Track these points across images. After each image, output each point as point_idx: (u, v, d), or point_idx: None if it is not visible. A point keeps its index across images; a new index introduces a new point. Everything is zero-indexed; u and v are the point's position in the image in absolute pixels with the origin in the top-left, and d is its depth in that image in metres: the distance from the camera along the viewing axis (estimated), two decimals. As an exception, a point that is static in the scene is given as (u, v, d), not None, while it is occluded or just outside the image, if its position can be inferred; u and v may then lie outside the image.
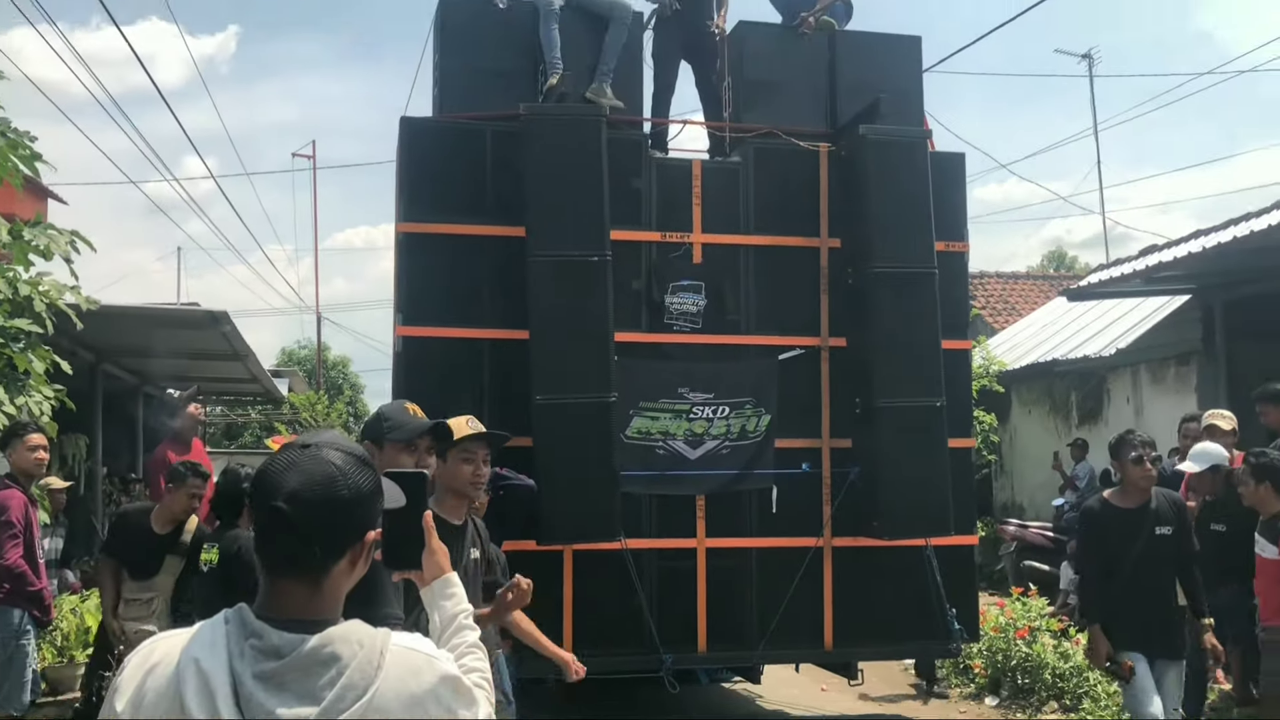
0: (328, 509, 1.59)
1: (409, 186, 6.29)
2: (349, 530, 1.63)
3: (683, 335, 6.49)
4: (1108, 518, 5.39)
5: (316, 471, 1.60)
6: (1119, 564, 5.29)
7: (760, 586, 6.43)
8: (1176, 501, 5.52)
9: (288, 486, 1.58)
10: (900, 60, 7.11)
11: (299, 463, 1.61)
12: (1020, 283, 22.33)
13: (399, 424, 3.05)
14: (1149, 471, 5.30)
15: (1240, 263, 9.47)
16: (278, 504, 1.57)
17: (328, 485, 1.59)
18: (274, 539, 1.60)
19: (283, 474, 1.60)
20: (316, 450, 1.63)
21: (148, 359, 11.95)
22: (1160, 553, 5.30)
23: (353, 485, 1.62)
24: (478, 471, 3.69)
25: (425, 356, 6.17)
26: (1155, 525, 5.29)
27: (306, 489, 1.58)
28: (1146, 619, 5.24)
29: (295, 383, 21.41)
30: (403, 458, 2.99)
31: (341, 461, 1.63)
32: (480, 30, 6.62)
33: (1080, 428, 13.60)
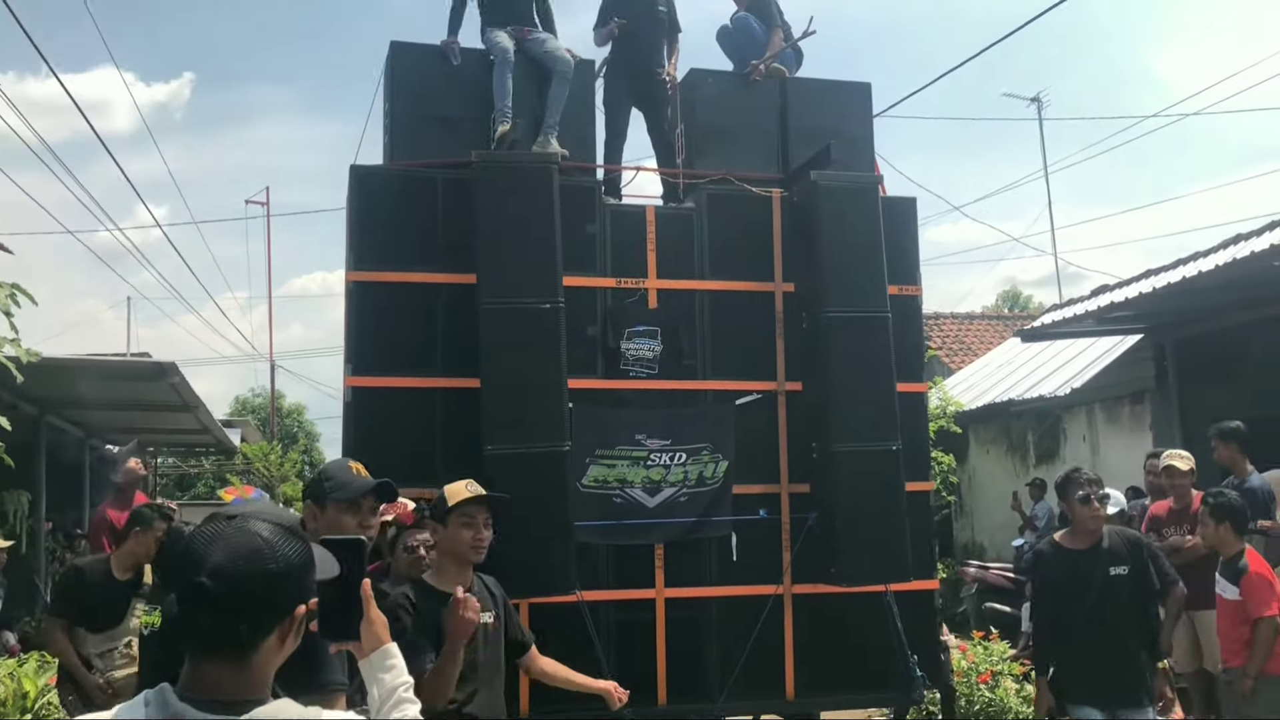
0: (254, 584, 1.52)
1: (358, 235, 6.20)
2: (277, 605, 1.56)
3: (639, 381, 6.42)
4: (1058, 561, 5.22)
5: (242, 544, 1.53)
6: (1073, 609, 5.10)
7: (720, 636, 6.32)
8: (1132, 539, 5.33)
9: (211, 560, 1.51)
10: (850, 106, 7.18)
11: (224, 535, 1.54)
12: (976, 323, 22.55)
13: (341, 483, 2.95)
14: (1097, 511, 5.12)
15: (1190, 302, 9.60)
16: (200, 579, 1.50)
17: (254, 559, 1.52)
18: (197, 616, 1.52)
19: (206, 547, 1.53)
20: (243, 522, 1.56)
21: (94, 411, 11.73)
22: (1116, 595, 5.08)
23: (281, 558, 1.55)
24: (478, 536, 3.65)
25: (376, 407, 6.05)
26: (1109, 566, 5.09)
27: (231, 563, 1.51)
28: (1104, 667, 5.04)
29: (248, 432, 21.12)
30: (345, 518, 2.89)
31: (269, 533, 1.56)
32: (431, 78, 6.60)
33: (1038, 467, 13.68)
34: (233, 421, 20.37)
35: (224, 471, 21.50)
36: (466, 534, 3.63)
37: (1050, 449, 13.63)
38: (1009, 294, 40.46)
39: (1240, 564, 5.52)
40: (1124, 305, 9.76)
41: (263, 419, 29.89)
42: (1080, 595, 5.08)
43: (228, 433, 16.91)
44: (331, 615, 1.88)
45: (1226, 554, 5.63)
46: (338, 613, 1.91)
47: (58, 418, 11.60)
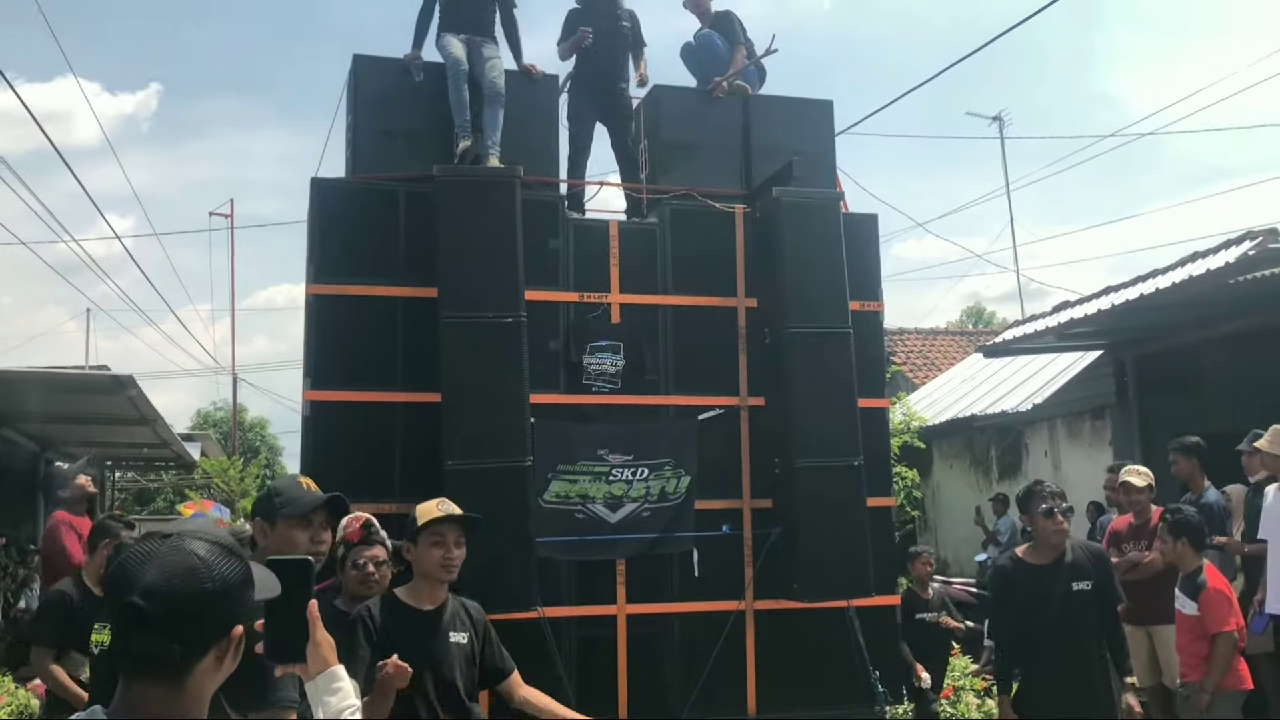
0: (189, 603, 1.48)
1: (319, 247, 6.15)
2: (213, 626, 1.52)
3: (601, 396, 6.40)
4: (1019, 576, 5.10)
5: (177, 564, 1.49)
6: (1034, 625, 4.97)
7: (682, 652, 6.30)
8: (1096, 553, 5.24)
9: (144, 580, 1.47)
10: (813, 123, 7.22)
11: (158, 554, 1.50)
12: (940, 338, 22.71)
13: (291, 499, 2.90)
14: (1060, 525, 5.01)
15: (1150, 319, 9.71)
16: (132, 599, 1.46)
17: (189, 578, 1.49)
18: (129, 637, 1.48)
19: (139, 567, 1.49)
20: (178, 540, 1.53)
21: (50, 424, 11.55)
22: (1079, 610, 4.97)
23: (218, 577, 1.52)
24: (448, 555, 3.67)
25: (335, 421, 5.99)
26: (1071, 580, 4.98)
27: (164, 582, 1.47)
28: (1068, 684, 4.92)
29: (209, 446, 20.86)
30: (296, 534, 2.84)
31: (205, 552, 1.53)
32: (394, 92, 6.56)
33: (1001, 482, 13.76)
34: (193, 435, 20.10)
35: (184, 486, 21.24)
36: (436, 553, 3.66)
37: (1013, 464, 13.73)
38: (973, 310, 40.82)
39: (1199, 580, 5.56)
40: (1084, 321, 9.86)
41: (224, 433, 29.56)
42: (1042, 611, 4.95)
43: (188, 447, 16.71)
44: (277, 637, 1.85)
45: (1185, 570, 5.68)
46: (283, 634, 1.87)
47: (12, 431, 11.41)
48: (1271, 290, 7.77)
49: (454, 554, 3.68)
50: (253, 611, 1.69)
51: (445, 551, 3.66)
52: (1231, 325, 9.17)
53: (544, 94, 6.85)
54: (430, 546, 3.67)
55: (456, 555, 3.69)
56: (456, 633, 3.71)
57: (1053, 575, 5.00)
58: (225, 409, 31.99)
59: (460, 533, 3.73)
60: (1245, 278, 7.83)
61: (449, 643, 3.68)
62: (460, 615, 3.77)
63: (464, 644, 3.73)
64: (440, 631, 3.69)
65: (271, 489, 3.01)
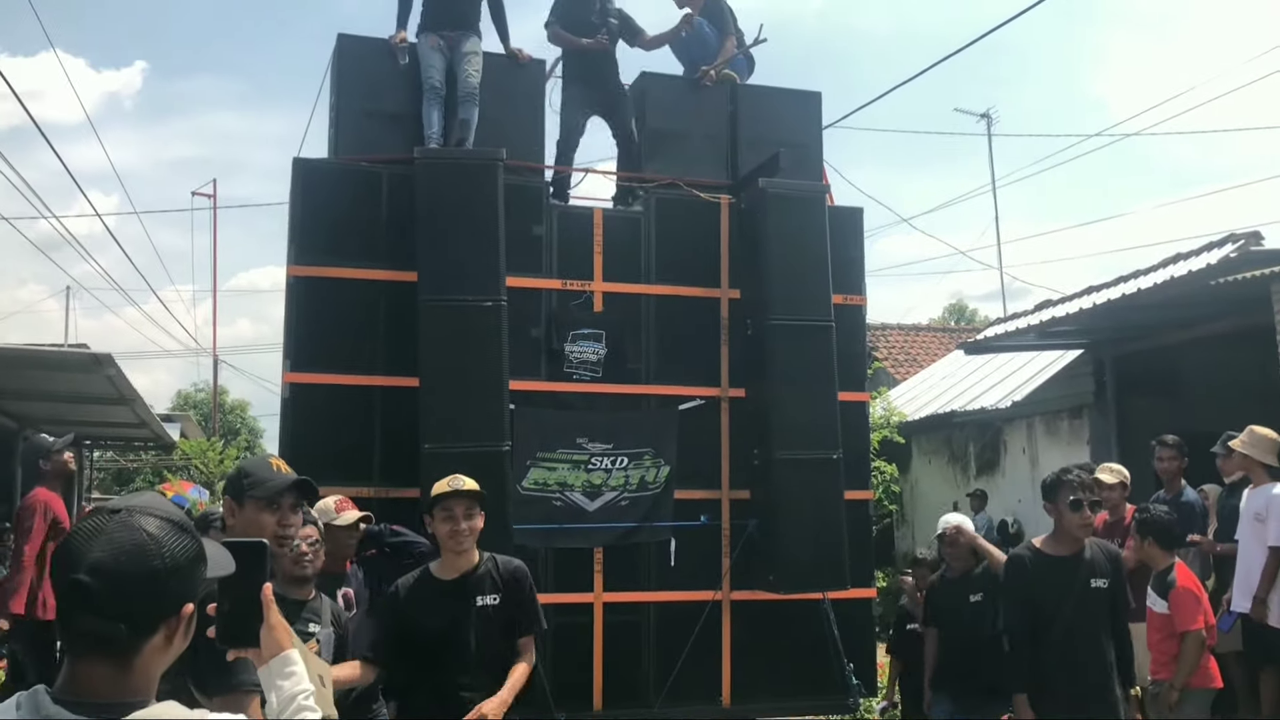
0: (137, 581, 1.45)
1: (300, 228, 6.11)
2: (162, 604, 1.48)
3: (582, 384, 6.40)
4: (1036, 567, 4.72)
5: (125, 540, 1.46)
6: (1049, 621, 4.63)
7: (658, 642, 6.31)
8: (1112, 553, 4.90)
9: (91, 557, 1.44)
10: (800, 115, 7.21)
11: (106, 530, 1.46)
12: (922, 335, 22.75)
13: (259, 480, 2.88)
14: (1088, 519, 4.67)
15: (1130, 319, 9.75)
16: (78, 576, 1.42)
17: (137, 554, 1.45)
18: (74, 615, 1.44)
19: (86, 543, 1.45)
20: (127, 516, 1.49)
21: (27, 402, 11.46)
22: (1094, 609, 4.65)
23: (167, 554, 1.48)
24: (455, 528, 3.89)
25: (314, 404, 5.97)
26: (1090, 577, 4.65)
27: (112, 559, 1.44)
28: (1080, 686, 4.59)
29: (189, 428, 20.74)
30: (264, 516, 2.82)
31: (155, 528, 1.49)
32: (378, 73, 6.52)
33: (979, 478, 13.81)
34: (173, 416, 19.99)
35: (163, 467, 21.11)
36: (444, 527, 3.90)
37: (991, 460, 13.77)
38: (955, 307, 40.90)
39: (1169, 578, 5.59)
40: (1065, 320, 9.89)
41: (205, 414, 29.40)
42: (1060, 605, 4.63)
43: (167, 428, 16.59)
44: (229, 620, 1.83)
45: (1156, 568, 5.71)
46: (236, 618, 1.85)
47: (-11, 408, 11.34)
48: (1252, 293, 7.80)
49: (462, 527, 3.88)
50: (206, 589, 1.66)
51: (453, 525, 3.88)
52: (1211, 327, 9.22)
53: (529, 80, 6.82)
54: (440, 521, 3.90)
55: (465, 528, 3.89)
56: (484, 596, 3.93)
57: (1073, 569, 4.67)
58: (206, 390, 31.82)
59: (469, 505, 3.92)
60: (1226, 280, 7.87)
61: (474, 608, 3.90)
62: (491, 578, 3.98)
63: (494, 605, 3.94)
64: (463, 598, 3.92)
65: (241, 469, 2.99)
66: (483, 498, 4.02)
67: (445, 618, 3.91)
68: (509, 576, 4.03)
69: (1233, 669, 6.42)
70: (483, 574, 3.99)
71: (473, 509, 3.94)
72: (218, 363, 25.85)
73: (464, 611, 3.92)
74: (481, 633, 3.92)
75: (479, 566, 4.00)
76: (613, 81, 7.13)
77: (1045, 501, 4.80)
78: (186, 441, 19.42)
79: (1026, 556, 4.82)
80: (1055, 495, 4.71)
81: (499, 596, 3.96)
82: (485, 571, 4.00)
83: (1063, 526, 4.71)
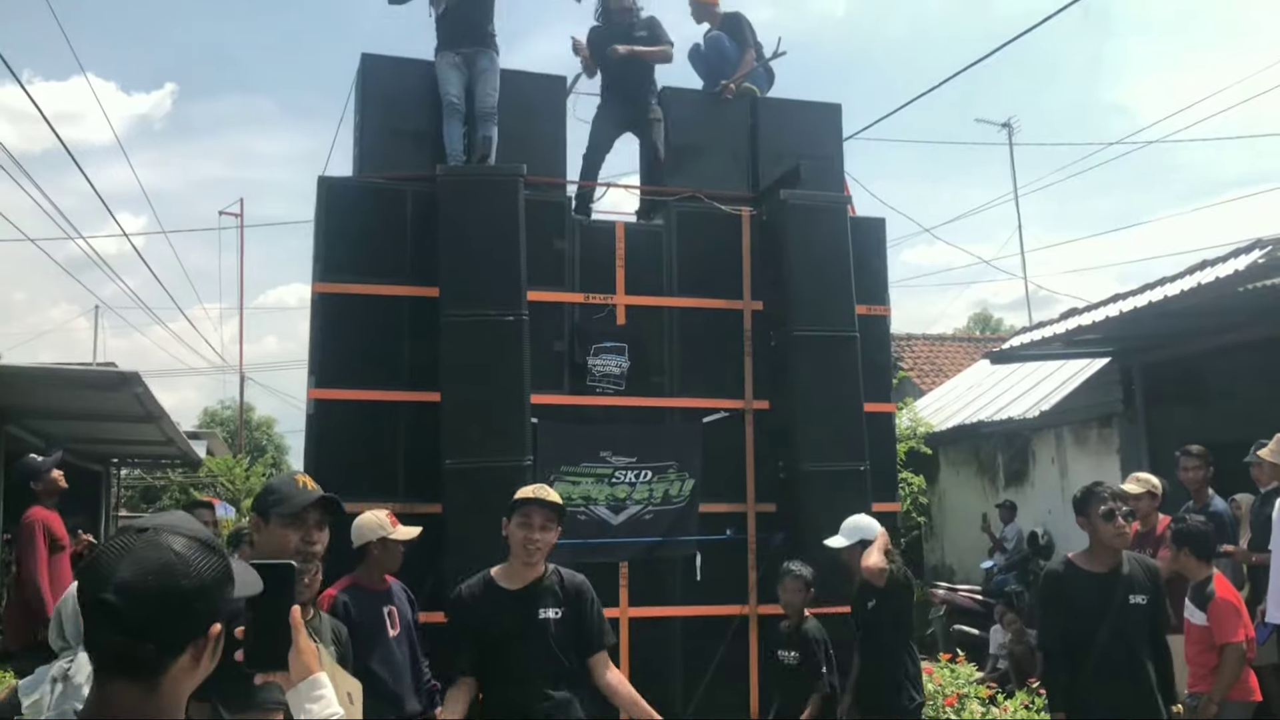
0: (164, 601, 1.43)
1: (326, 246, 6.15)
2: (189, 623, 1.47)
3: (605, 398, 6.39)
4: (1072, 582, 4.57)
5: (152, 559, 1.44)
6: (1086, 638, 4.49)
7: (685, 656, 6.27)
8: (1150, 568, 4.74)
9: (118, 576, 1.42)
10: (821, 127, 7.20)
11: (133, 549, 1.45)
12: (947, 345, 22.62)
13: (284, 497, 2.86)
14: (1122, 528, 4.54)
15: (1157, 326, 9.64)
16: (105, 596, 1.41)
17: (164, 574, 1.44)
18: (102, 636, 1.43)
19: (114, 562, 1.44)
20: (154, 535, 1.47)
21: (56, 421, 11.56)
22: (1133, 625, 4.50)
23: (195, 574, 1.46)
24: (530, 536, 3.82)
25: (338, 420, 5.98)
26: (1128, 593, 4.49)
27: (139, 579, 1.42)
28: (1121, 707, 4.43)
29: (215, 445, 20.87)
30: (288, 533, 2.80)
31: (182, 547, 1.47)
32: (402, 91, 6.56)
33: (1007, 489, 13.68)
34: (199, 434, 20.11)
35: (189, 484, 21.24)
36: (520, 533, 3.82)
37: (1019, 471, 13.65)
38: (980, 316, 40.71)
39: (1208, 590, 5.50)
40: (1092, 329, 9.79)
41: (231, 431, 29.60)
42: (1098, 621, 4.47)
43: (194, 445, 16.70)
44: (257, 643, 1.81)
45: (1193, 579, 5.62)
46: (265, 640, 1.83)
47: (18, 428, 11.41)
48: (1281, 299, 7.72)
49: (536, 536, 3.81)
50: (233, 609, 1.66)
51: (529, 533, 3.81)
52: (1240, 334, 9.11)
53: (552, 95, 6.84)
54: (517, 527, 3.84)
55: (539, 538, 3.83)
56: (546, 609, 3.85)
57: (1111, 584, 4.53)
58: (232, 408, 32.05)
59: (548, 517, 3.85)
60: (1254, 286, 7.77)
61: (538, 620, 3.82)
62: (554, 591, 3.90)
63: (555, 619, 3.86)
64: (527, 608, 3.85)
65: (267, 487, 2.98)
66: (564, 512, 3.96)
67: (509, 626, 3.84)
68: (573, 591, 3.95)
69: (1269, 681, 6.31)
70: (547, 586, 3.91)
71: (550, 521, 3.86)
72: (244, 380, 26.04)
73: (527, 622, 3.85)
74: (543, 645, 3.85)
75: (544, 578, 3.92)
76: (650, 98, 7.13)
77: (1078, 516, 4.69)
78: (213, 459, 19.54)
79: (1062, 572, 4.69)
80: (1087, 508, 4.61)
81: (561, 610, 3.89)
82: (550, 584, 3.92)
83: (1098, 540, 4.59)
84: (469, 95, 6.50)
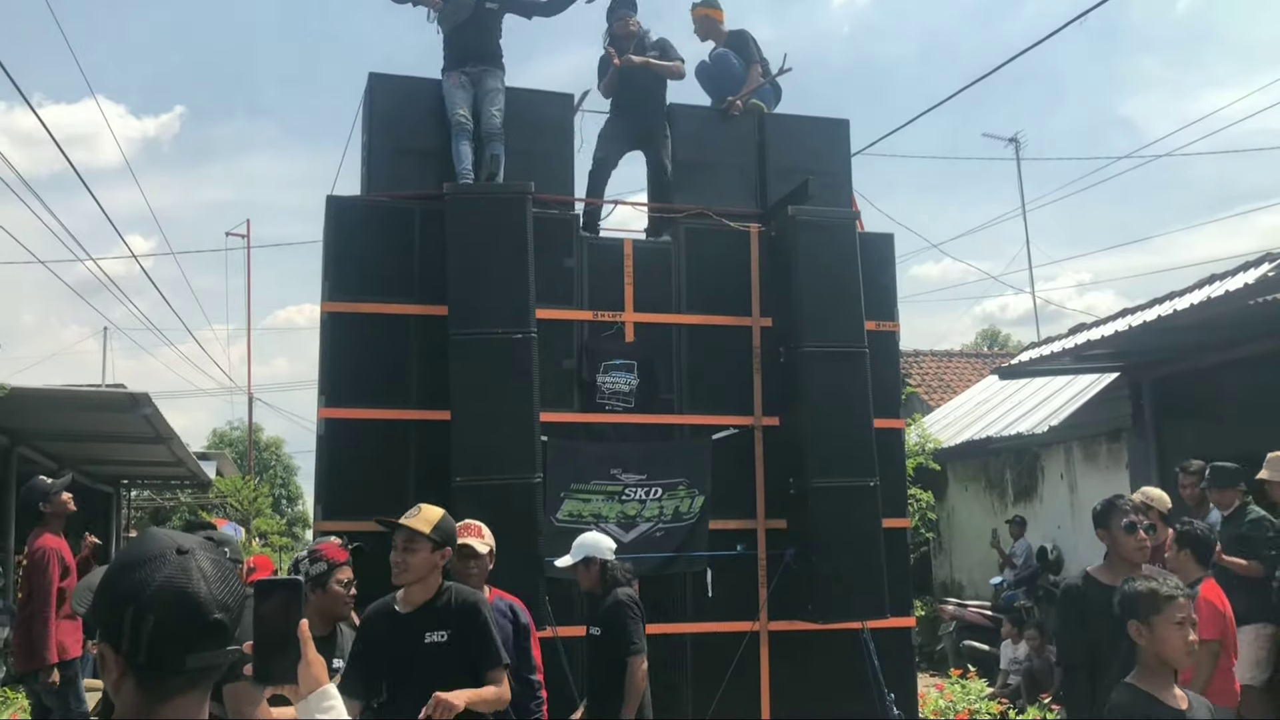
0: (239, 613, 1.55)
1: (334, 265, 6.17)
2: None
3: (615, 415, 6.40)
4: (1093, 597, 4.46)
5: (219, 574, 1.54)
6: (1106, 654, 4.38)
7: (695, 673, 6.25)
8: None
9: (218, 597, 1.50)
10: (829, 142, 7.21)
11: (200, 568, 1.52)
12: (955, 360, 22.59)
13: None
14: (1144, 542, 4.50)
15: (1166, 340, 9.63)
16: (218, 618, 1.49)
17: (234, 587, 1.55)
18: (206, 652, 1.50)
19: (192, 583, 1.49)
20: (194, 554, 1.54)
21: (67, 442, 11.60)
22: None
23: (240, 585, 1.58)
24: (395, 559, 3.77)
25: (349, 439, 6.00)
26: None
27: (230, 596, 1.52)
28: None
29: (224, 465, 20.90)
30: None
31: (216, 561, 1.56)
32: (409, 110, 6.60)
33: (1016, 504, 13.65)
34: (208, 454, 20.12)
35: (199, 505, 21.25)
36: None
37: (1028, 487, 13.61)
38: (988, 333, 40.62)
39: (1194, 590, 5.51)
40: (1101, 344, 9.78)
41: (240, 452, 29.63)
42: (1116, 639, 4.25)
43: (203, 466, 16.74)
44: (266, 658, 1.85)
45: (1186, 581, 5.61)
46: (273, 655, 1.86)
47: (30, 449, 11.45)
48: (1290, 312, 7.71)
49: (398, 558, 3.77)
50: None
51: (395, 555, 3.77)
52: (1250, 348, 9.09)
53: (559, 112, 6.87)
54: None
55: (400, 560, 3.76)
56: (433, 632, 3.74)
57: None
58: (241, 428, 32.10)
59: (407, 537, 3.77)
60: (1264, 300, 7.77)
61: (422, 643, 3.72)
62: (440, 613, 3.78)
63: (441, 642, 3.74)
64: (413, 632, 3.74)
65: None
66: (420, 535, 3.79)
67: (395, 651, 3.75)
68: (460, 611, 3.82)
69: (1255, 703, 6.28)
70: (437, 608, 3.80)
71: (411, 540, 3.76)
72: (252, 401, 26.08)
73: (414, 646, 3.74)
74: (428, 670, 3.71)
75: (435, 600, 3.82)
76: (659, 115, 7.16)
77: (1098, 529, 4.64)
78: (222, 479, 19.57)
79: (1081, 586, 4.62)
80: (1108, 521, 4.57)
81: (448, 633, 3.76)
82: (440, 605, 3.81)
83: (1119, 552, 4.55)
84: (476, 114, 6.54)
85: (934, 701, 8.09)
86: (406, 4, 6.82)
